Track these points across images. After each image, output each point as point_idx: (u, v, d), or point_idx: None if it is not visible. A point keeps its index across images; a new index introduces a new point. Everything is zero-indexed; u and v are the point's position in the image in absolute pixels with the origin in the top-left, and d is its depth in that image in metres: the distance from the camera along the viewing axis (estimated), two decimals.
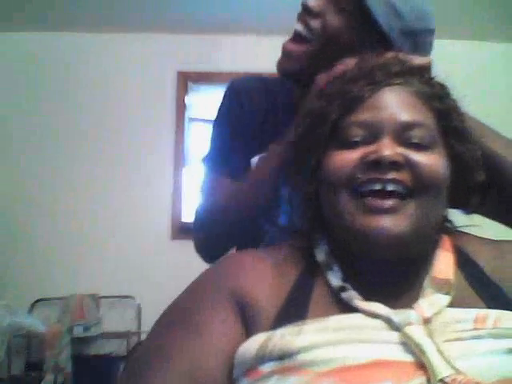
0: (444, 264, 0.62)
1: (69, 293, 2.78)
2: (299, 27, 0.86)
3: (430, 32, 0.85)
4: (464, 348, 0.52)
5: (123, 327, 2.81)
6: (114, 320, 2.83)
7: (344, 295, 0.59)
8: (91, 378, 2.60)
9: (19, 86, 3.16)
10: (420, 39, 0.84)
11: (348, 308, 0.58)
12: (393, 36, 0.80)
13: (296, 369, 0.52)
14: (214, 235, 0.92)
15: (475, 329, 0.53)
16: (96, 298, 2.83)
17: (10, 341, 2.58)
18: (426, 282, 0.60)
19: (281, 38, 0.89)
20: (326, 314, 0.57)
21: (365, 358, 0.51)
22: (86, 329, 2.72)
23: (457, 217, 0.69)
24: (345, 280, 0.61)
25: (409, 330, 0.53)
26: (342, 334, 0.54)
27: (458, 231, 0.69)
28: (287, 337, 0.54)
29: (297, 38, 0.86)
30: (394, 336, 0.53)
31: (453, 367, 0.48)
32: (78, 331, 2.68)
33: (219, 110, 1.03)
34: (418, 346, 0.51)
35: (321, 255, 0.66)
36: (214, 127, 1.04)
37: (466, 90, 0.66)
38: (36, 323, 2.60)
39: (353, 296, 0.59)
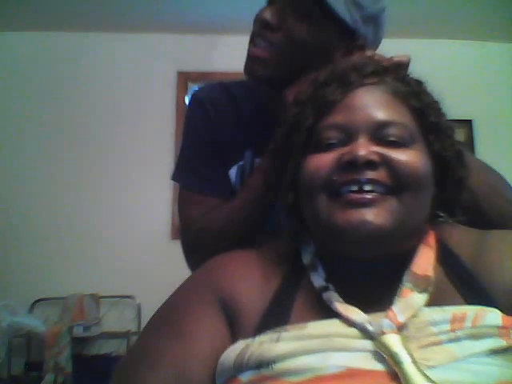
0: (424, 260, 0.60)
1: (69, 293, 2.78)
2: (259, 42, 0.83)
3: (384, 9, 0.85)
4: (441, 354, 0.50)
5: (123, 327, 2.80)
6: (114, 320, 2.82)
7: (325, 296, 0.58)
8: (91, 378, 2.60)
9: (18, 86, 3.16)
10: (379, 20, 0.84)
11: (328, 312, 0.57)
12: (357, 26, 0.80)
13: (273, 379, 0.51)
14: (209, 255, 0.88)
15: (452, 330, 0.51)
16: (96, 298, 2.83)
17: (10, 341, 2.58)
18: (405, 278, 0.58)
19: None
20: (307, 318, 0.56)
21: (339, 368, 0.50)
22: (86, 329, 2.72)
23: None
24: (327, 281, 0.60)
25: (384, 339, 0.51)
26: (317, 342, 0.53)
27: (445, 221, 0.67)
28: (264, 345, 0.53)
29: (261, 46, 0.84)
30: (369, 345, 0.52)
31: (428, 379, 0.47)
32: (78, 331, 2.68)
33: (186, 124, 1.00)
34: (392, 356, 0.49)
35: (307, 257, 0.65)
36: (183, 142, 1.00)
37: (466, 89, 0.66)
38: (36, 323, 2.59)
39: (333, 297, 0.57)
